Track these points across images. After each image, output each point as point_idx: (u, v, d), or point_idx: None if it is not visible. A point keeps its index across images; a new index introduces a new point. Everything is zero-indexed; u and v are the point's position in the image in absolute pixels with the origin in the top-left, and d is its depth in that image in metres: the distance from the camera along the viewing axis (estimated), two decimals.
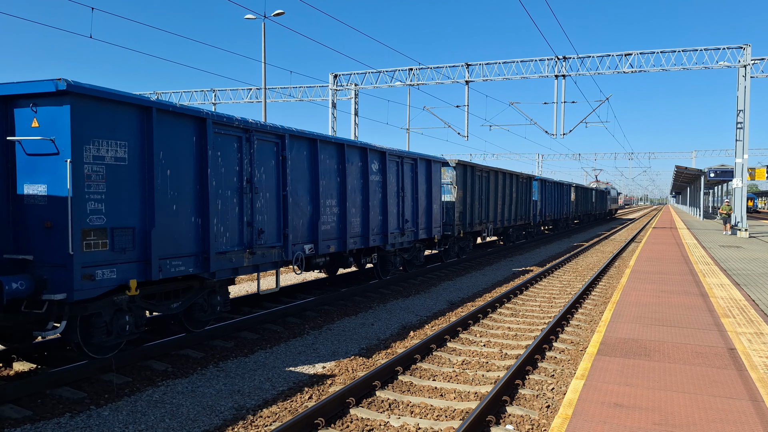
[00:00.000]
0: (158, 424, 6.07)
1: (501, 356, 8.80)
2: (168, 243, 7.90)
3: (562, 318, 10.79)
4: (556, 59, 28.92)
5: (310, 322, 10.74)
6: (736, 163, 28.01)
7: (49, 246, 6.71)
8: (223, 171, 8.85)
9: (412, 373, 7.87)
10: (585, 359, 6.93)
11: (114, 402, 6.63)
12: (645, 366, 6.68)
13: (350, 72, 33.38)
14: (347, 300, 12.85)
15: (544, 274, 17.44)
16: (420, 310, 12.16)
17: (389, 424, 6.15)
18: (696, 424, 5.00)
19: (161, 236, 7.76)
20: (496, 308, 12.29)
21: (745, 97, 27.27)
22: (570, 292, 14.68)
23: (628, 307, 10.05)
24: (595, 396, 5.67)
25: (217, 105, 41.14)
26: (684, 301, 10.74)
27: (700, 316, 9.43)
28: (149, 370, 7.79)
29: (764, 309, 10.05)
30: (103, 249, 6.98)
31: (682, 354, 7.18)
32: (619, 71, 28.39)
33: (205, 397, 6.86)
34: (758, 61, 28.32)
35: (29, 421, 6.03)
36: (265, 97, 29.36)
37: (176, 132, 8.05)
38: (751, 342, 7.78)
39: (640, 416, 5.17)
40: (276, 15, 26.83)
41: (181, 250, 8.15)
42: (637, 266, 15.86)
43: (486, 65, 30.42)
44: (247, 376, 7.67)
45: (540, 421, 6.24)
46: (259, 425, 6.08)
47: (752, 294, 11.57)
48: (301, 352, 8.85)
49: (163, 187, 7.80)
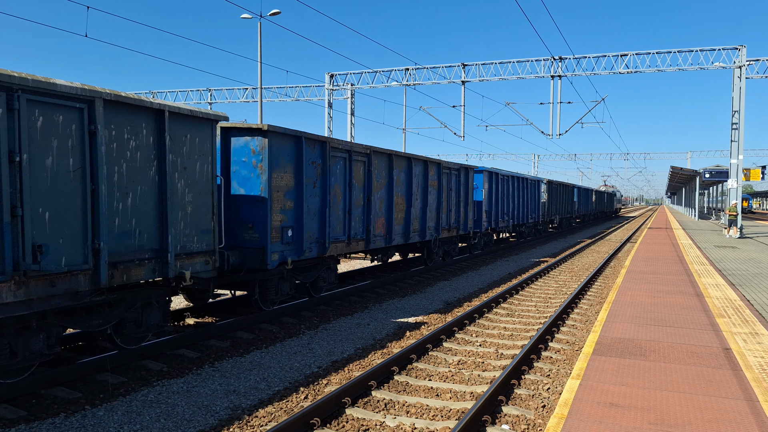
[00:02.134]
0: (153, 424, 6.05)
1: (497, 356, 8.81)
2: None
3: (557, 318, 10.81)
4: (552, 59, 28.96)
5: (306, 322, 10.73)
6: (731, 164, 28.10)
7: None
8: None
9: (408, 373, 7.87)
10: (581, 359, 6.94)
11: (109, 402, 6.60)
12: (640, 366, 6.69)
13: (347, 72, 33.37)
14: (343, 300, 12.84)
15: (558, 263, 17.48)
16: (416, 310, 12.16)
17: (385, 424, 6.15)
18: (691, 423, 5.02)
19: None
20: (492, 308, 12.30)
21: (741, 98, 27.37)
22: (566, 292, 14.70)
23: (623, 307, 10.07)
24: (591, 396, 5.68)
25: (212, 104, 41.07)
26: (679, 301, 10.76)
27: (695, 316, 9.45)
28: (144, 369, 7.76)
29: (759, 309, 10.08)
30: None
31: (678, 354, 7.20)
32: (615, 72, 28.45)
33: (201, 397, 6.84)
34: (753, 62, 28.43)
35: (24, 421, 6.01)
36: (261, 96, 29.32)
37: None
38: (746, 342, 7.80)
39: (636, 416, 5.18)
40: (272, 14, 26.80)
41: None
42: (632, 266, 15.90)
43: (482, 65, 30.45)
44: (242, 376, 7.65)
45: (536, 420, 6.25)
46: (254, 425, 6.06)
47: (747, 294, 11.61)
48: (296, 352, 8.84)
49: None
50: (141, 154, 7.40)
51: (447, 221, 18.15)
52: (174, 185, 7.85)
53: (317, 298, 12.08)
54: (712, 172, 42.61)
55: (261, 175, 9.86)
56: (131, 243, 7.29)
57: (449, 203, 18.27)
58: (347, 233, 12.54)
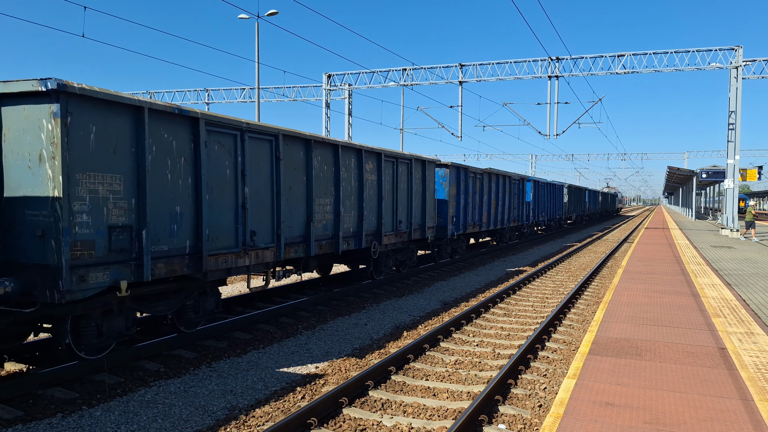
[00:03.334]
0: (150, 424, 6.06)
1: (494, 356, 8.83)
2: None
3: (554, 318, 10.83)
4: (549, 60, 29.00)
5: (303, 322, 10.74)
6: (728, 164, 28.17)
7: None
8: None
9: (405, 373, 7.88)
10: (577, 359, 6.96)
11: (106, 402, 6.61)
12: (636, 365, 6.71)
13: (344, 72, 33.37)
14: (340, 300, 12.85)
15: (554, 263, 17.51)
16: (413, 310, 12.17)
17: (382, 423, 6.16)
18: (687, 423, 5.04)
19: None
20: (489, 308, 12.32)
21: (737, 99, 27.44)
22: (563, 292, 14.73)
23: (620, 307, 10.10)
24: (587, 395, 5.70)
25: (210, 105, 41.04)
26: (675, 301, 10.80)
27: (691, 315, 9.49)
28: (141, 370, 7.77)
29: (755, 309, 10.12)
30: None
31: (674, 353, 7.23)
32: (612, 72, 28.51)
33: (198, 397, 6.85)
34: (750, 63, 28.50)
35: (21, 422, 6.01)
36: (258, 97, 29.31)
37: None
38: (742, 342, 7.83)
39: (632, 415, 5.20)
40: (269, 15, 26.79)
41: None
42: (629, 266, 15.93)
43: (479, 66, 30.48)
44: (239, 376, 7.66)
45: (532, 420, 6.27)
46: (251, 425, 6.07)
47: (743, 294, 11.65)
48: (294, 352, 8.85)
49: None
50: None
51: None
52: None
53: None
54: (709, 172, 42.73)
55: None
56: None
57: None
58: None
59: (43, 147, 6.33)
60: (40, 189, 6.36)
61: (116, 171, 6.99)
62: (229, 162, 8.83)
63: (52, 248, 6.32)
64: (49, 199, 6.31)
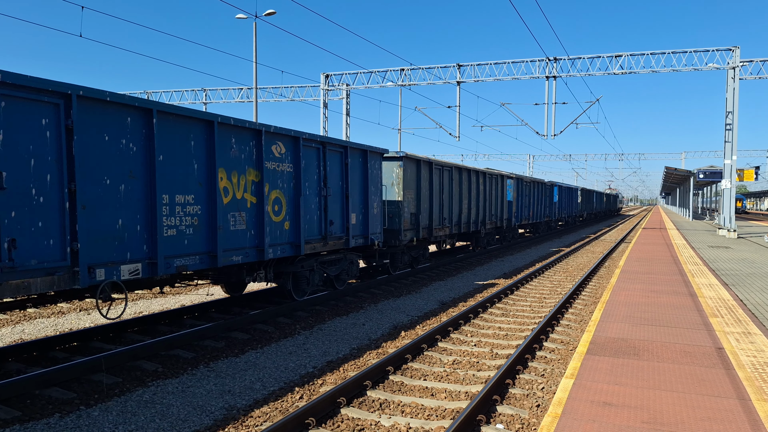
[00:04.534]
0: (148, 424, 6.06)
1: (492, 356, 8.83)
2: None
3: (552, 318, 10.85)
4: (547, 60, 29.03)
5: (301, 323, 10.74)
6: (725, 164, 28.23)
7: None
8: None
9: (403, 373, 7.89)
10: (575, 358, 6.97)
11: (104, 402, 6.60)
12: (634, 365, 6.73)
13: (342, 72, 33.36)
14: (338, 300, 12.86)
15: (553, 262, 17.53)
16: (411, 310, 12.18)
17: (380, 423, 6.16)
18: (684, 422, 5.05)
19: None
20: (487, 308, 12.33)
21: (734, 99, 27.49)
22: (560, 292, 14.75)
23: (617, 307, 10.12)
24: (585, 395, 5.71)
25: (207, 105, 41.01)
26: (673, 300, 10.82)
27: (688, 315, 9.51)
28: (139, 370, 7.76)
29: (752, 309, 10.14)
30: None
31: (671, 353, 7.24)
32: (610, 72, 28.54)
33: (196, 397, 6.84)
34: (747, 63, 28.56)
35: (18, 422, 6.00)
36: (256, 96, 29.29)
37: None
38: (739, 341, 7.85)
39: (629, 415, 5.21)
40: (267, 15, 26.78)
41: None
42: (626, 266, 15.96)
43: (477, 66, 30.49)
44: (237, 376, 7.66)
45: (530, 420, 6.28)
46: (249, 425, 6.07)
47: (740, 294, 11.68)
48: (292, 352, 8.85)
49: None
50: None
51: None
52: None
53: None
54: (706, 172, 42.79)
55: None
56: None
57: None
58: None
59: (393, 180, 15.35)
60: (393, 196, 15.64)
61: (412, 188, 16.65)
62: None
63: (396, 223, 15.61)
64: (396, 201, 15.63)
